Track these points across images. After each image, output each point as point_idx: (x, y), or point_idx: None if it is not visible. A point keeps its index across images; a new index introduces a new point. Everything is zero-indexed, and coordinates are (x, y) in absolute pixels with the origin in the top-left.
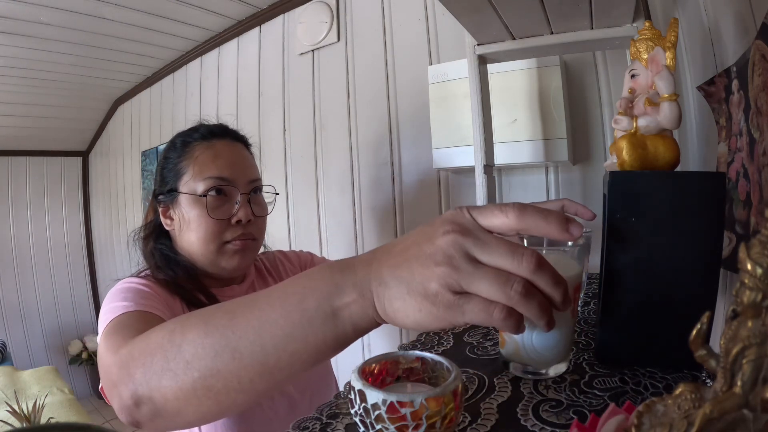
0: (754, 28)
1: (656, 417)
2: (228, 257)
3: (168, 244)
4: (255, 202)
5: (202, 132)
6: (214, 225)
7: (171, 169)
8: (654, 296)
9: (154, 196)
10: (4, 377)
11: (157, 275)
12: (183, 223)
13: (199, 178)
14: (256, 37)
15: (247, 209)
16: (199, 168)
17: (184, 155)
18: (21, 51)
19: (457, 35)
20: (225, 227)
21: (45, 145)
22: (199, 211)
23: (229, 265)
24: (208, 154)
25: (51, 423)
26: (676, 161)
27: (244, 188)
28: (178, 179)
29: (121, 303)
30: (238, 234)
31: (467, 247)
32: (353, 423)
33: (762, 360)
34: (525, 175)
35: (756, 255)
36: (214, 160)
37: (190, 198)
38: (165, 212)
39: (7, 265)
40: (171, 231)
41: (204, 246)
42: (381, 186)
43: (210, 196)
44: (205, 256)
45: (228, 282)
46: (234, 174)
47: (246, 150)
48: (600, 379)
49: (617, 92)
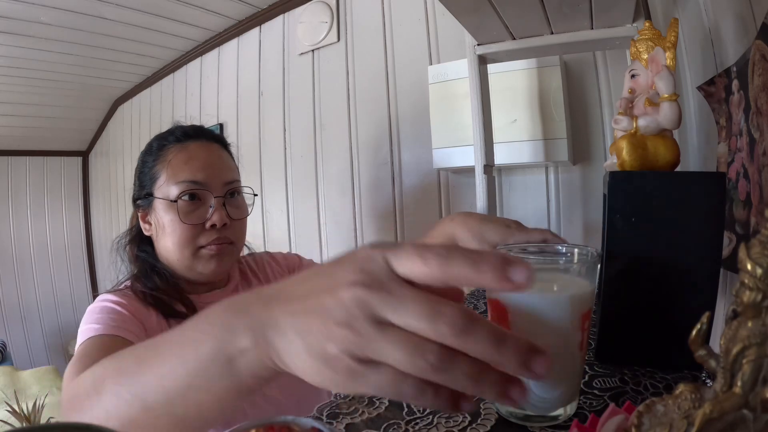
0: (754, 29)
1: (656, 417)
2: (204, 262)
3: (150, 251)
4: (232, 204)
5: (177, 134)
6: (188, 230)
7: (147, 173)
8: (654, 296)
9: (133, 201)
10: (4, 377)
11: (136, 286)
12: (159, 229)
13: (172, 182)
14: (256, 37)
15: (222, 213)
16: (173, 171)
17: (159, 158)
18: (21, 51)
19: (457, 35)
20: (199, 232)
21: (45, 145)
22: (172, 216)
23: (206, 270)
24: (181, 156)
25: (51, 423)
26: (676, 161)
27: (218, 191)
28: (153, 184)
29: (92, 325)
30: (213, 238)
31: (373, 306)
32: (354, 423)
33: (762, 360)
34: (525, 175)
35: (756, 255)
36: (188, 163)
37: (164, 203)
38: (143, 217)
39: (7, 265)
40: (151, 236)
41: (179, 251)
42: (381, 186)
43: (182, 200)
44: (180, 261)
45: (210, 287)
46: (207, 177)
47: (223, 151)
48: (600, 379)
49: (617, 92)
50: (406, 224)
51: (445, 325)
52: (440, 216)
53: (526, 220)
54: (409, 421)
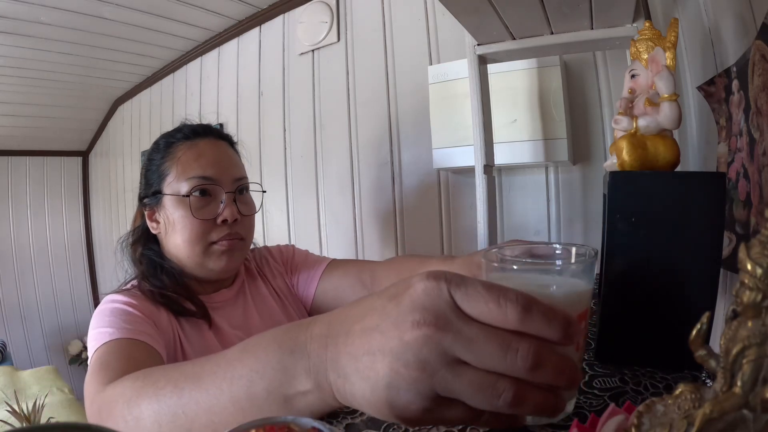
0: (754, 29)
1: (656, 417)
2: (215, 258)
3: (156, 250)
4: (241, 201)
5: (185, 132)
6: (200, 225)
7: (154, 170)
8: (654, 296)
9: (140, 199)
10: (4, 377)
11: (143, 286)
12: (168, 226)
13: (183, 178)
14: (256, 37)
15: (233, 208)
16: (183, 168)
17: (167, 156)
18: (21, 51)
19: (457, 35)
20: (211, 227)
21: (45, 145)
22: (183, 212)
23: (217, 266)
24: (191, 153)
25: (51, 423)
26: (676, 161)
27: (229, 187)
28: (161, 181)
29: (106, 329)
30: (225, 234)
31: (444, 347)
32: (354, 423)
33: (762, 360)
34: (525, 175)
35: (756, 255)
36: (198, 159)
37: (174, 199)
38: (150, 215)
39: (7, 265)
40: (158, 235)
41: (190, 248)
42: (381, 186)
43: (194, 196)
44: (191, 258)
45: (218, 286)
46: (218, 173)
47: (231, 148)
48: (600, 379)
49: (617, 92)
50: (406, 224)
51: (522, 361)
52: (440, 216)
53: (526, 220)
54: None
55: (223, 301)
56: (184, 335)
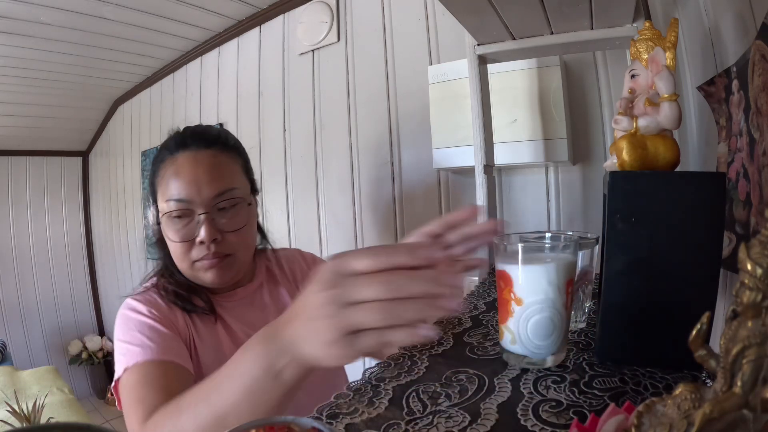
0: (754, 29)
1: (656, 417)
2: (202, 273)
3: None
4: (225, 216)
5: (170, 145)
6: (179, 246)
7: (150, 183)
8: (654, 296)
9: None
10: (4, 377)
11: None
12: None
13: (162, 199)
14: (256, 37)
15: (210, 229)
16: (163, 188)
17: (156, 172)
18: (21, 51)
19: (457, 35)
20: (191, 247)
21: (45, 145)
22: (167, 230)
23: (208, 280)
24: (170, 171)
25: (51, 423)
26: (676, 161)
27: (205, 206)
28: (155, 194)
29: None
30: (204, 254)
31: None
32: (354, 423)
33: (762, 360)
34: (525, 175)
35: (756, 255)
36: (175, 178)
37: (161, 216)
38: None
39: (7, 265)
40: None
41: (179, 263)
42: (381, 186)
43: (170, 218)
44: (183, 271)
45: (233, 286)
46: (192, 193)
47: (221, 155)
48: (600, 379)
49: (617, 92)
50: (406, 224)
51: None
52: (440, 215)
53: (525, 219)
54: (409, 421)
55: (239, 300)
56: (197, 332)
